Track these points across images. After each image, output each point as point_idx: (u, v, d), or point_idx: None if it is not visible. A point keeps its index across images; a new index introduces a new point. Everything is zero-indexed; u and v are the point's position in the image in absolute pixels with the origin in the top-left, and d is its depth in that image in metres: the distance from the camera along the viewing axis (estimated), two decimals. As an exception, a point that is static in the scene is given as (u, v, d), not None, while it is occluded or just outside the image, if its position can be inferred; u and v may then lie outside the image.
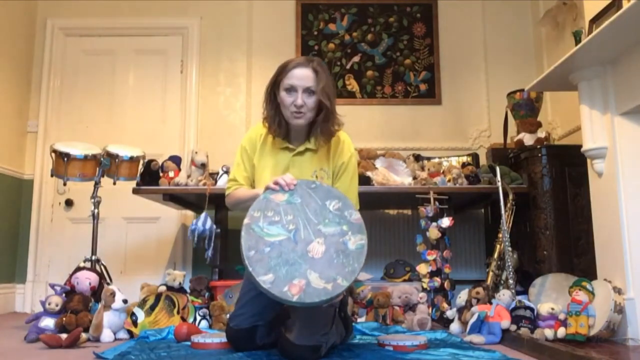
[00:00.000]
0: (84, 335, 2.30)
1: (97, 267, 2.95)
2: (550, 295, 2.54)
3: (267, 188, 1.83)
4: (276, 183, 1.82)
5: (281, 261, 1.67)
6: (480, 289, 2.56)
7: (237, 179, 2.10)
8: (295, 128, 2.02)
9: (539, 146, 3.11)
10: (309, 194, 1.82)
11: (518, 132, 3.47)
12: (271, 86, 2.02)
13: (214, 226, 2.96)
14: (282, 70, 1.98)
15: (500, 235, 2.85)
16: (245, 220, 1.74)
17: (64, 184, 3.10)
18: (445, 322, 2.72)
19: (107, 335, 2.40)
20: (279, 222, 1.74)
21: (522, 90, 3.41)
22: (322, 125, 1.99)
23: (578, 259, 2.90)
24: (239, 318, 1.99)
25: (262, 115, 2.07)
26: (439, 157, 3.59)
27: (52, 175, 3.04)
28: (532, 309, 2.33)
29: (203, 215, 2.98)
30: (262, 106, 2.07)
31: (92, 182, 3.04)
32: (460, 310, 2.59)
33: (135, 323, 2.50)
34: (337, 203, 1.81)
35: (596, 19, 2.27)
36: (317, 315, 1.81)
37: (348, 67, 4.10)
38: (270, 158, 2.06)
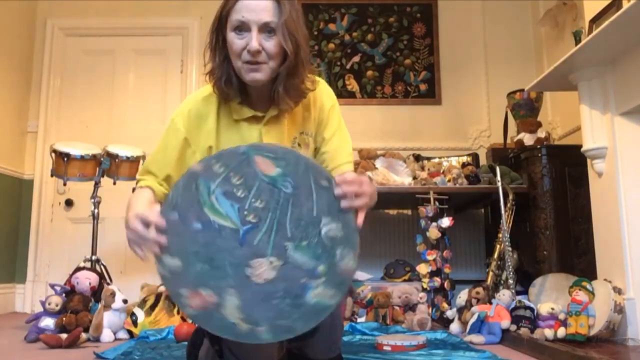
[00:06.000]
0: (84, 335, 2.30)
1: (97, 267, 2.96)
2: (550, 295, 2.54)
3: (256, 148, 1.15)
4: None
5: (204, 253, 1.09)
6: (480, 289, 2.56)
7: (150, 170, 1.39)
8: (255, 86, 1.37)
9: (539, 146, 3.11)
10: (311, 189, 1.11)
11: (518, 132, 3.47)
12: (216, 25, 1.38)
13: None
14: (228, 1, 1.34)
15: (500, 235, 2.85)
16: (195, 167, 1.14)
17: (64, 184, 3.10)
18: (445, 322, 2.72)
19: (107, 335, 2.40)
20: (239, 201, 1.10)
21: (522, 90, 3.41)
22: (286, 82, 1.35)
23: (578, 259, 2.90)
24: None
25: (205, 71, 1.42)
26: (439, 157, 3.60)
27: (52, 175, 3.04)
28: (532, 309, 2.33)
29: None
30: (203, 57, 1.42)
31: (92, 182, 3.05)
32: (460, 310, 2.60)
33: (135, 323, 2.50)
34: (337, 230, 1.11)
35: (596, 19, 2.27)
36: (336, 319, 1.46)
37: (348, 67, 4.10)
38: (230, 134, 1.40)
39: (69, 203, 3.96)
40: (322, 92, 1.49)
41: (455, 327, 2.57)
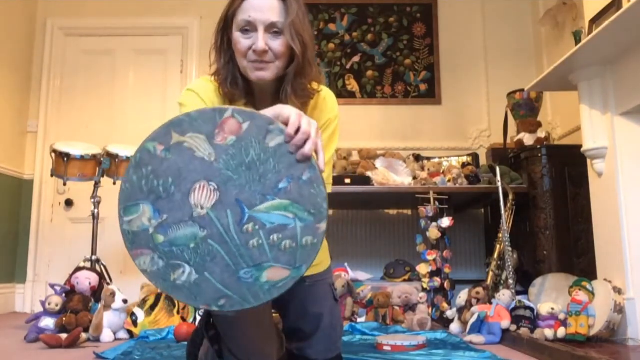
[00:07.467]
0: (84, 335, 2.30)
1: (97, 267, 2.96)
2: (550, 295, 2.54)
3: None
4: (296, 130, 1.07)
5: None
6: (480, 289, 2.56)
7: None
8: (260, 85, 1.37)
9: (539, 146, 3.11)
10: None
11: (518, 132, 3.47)
12: (221, 26, 1.39)
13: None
14: (235, 1, 1.35)
15: (500, 235, 2.85)
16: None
17: (64, 184, 3.10)
18: (445, 322, 2.72)
19: (107, 335, 2.40)
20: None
21: (522, 90, 3.41)
22: (293, 83, 1.35)
23: (578, 259, 2.90)
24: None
25: (210, 72, 1.44)
26: (439, 157, 3.60)
27: (52, 175, 3.04)
28: (532, 309, 2.33)
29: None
30: (209, 57, 1.45)
31: (92, 182, 3.05)
32: (460, 310, 2.59)
33: (135, 323, 2.50)
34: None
35: (596, 19, 2.27)
36: (336, 319, 1.47)
37: (348, 67, 4.10)
38: None
39: (69, 203, 3.96)
40: (326, 100, 1.46)
41: (455, 327, 2.57)
